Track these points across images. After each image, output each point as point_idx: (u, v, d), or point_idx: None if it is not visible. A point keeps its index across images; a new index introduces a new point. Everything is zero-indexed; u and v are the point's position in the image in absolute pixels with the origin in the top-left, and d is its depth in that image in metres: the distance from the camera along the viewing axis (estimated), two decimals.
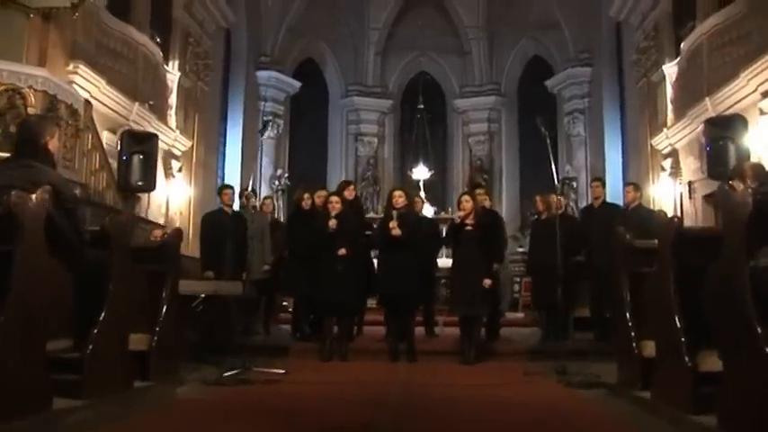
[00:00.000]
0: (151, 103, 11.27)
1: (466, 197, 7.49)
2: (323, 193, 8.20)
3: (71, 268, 4.03)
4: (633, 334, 4.94)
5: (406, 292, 7.26)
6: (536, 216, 8.88)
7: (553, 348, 7.32)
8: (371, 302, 8.88)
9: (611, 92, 16.50)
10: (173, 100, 12.67)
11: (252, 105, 16.78)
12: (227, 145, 16.27)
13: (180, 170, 12.85)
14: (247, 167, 16.44)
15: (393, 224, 7.27)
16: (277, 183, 17.07)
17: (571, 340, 8.01)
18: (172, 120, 12.63)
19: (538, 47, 18.55)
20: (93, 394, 4.23)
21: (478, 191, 8.15)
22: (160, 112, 12.01)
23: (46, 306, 3.81)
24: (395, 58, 19.27)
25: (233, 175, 15.97)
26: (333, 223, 7.28)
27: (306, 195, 8.24)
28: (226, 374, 5.81)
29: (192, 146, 13.45)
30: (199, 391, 5.23)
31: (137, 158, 7.69)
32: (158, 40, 12.05)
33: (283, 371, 6.14)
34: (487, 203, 8.91)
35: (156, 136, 8.25)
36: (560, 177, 16.82)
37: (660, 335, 4.47)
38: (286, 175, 17.33)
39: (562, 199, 8.29)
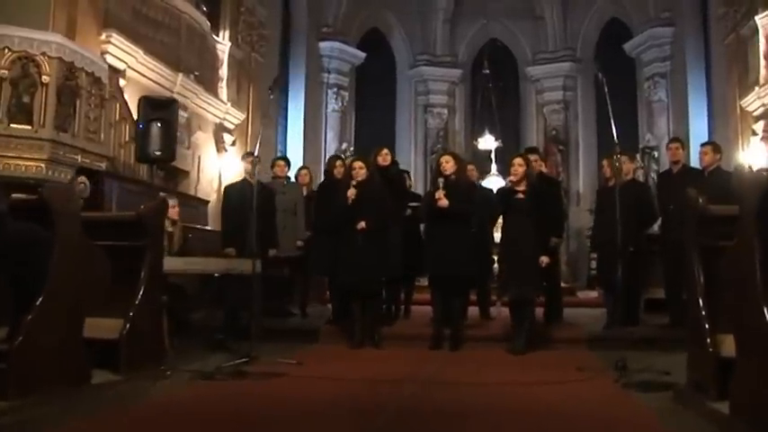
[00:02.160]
0: (196, 73, 10.50)
1: (518, 160, 6.32)
2: (349, 160, 7.25)
3: None
4: (707, 325, 3.73)
5: (456, 272, 6.18)
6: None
7: (617, 336, 6.10)
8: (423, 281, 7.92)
9: (695, 52, 14.70)
10: (224, 72, 11.89)
11: (314, 77, 15.83)
12: (289, 118, 15.44)
13: (233, 144, 12.10)
14: (310, 141, 15.66)
15: (439, 194, 6.17)
16: (342, 157, 16.14)
17: (641, 326, 6.77)
18: (223, 92, 11.85)
19: (615, 8, 16.75)
20: (25, 393, 3.41)
21: (531, 156, 6.95)
22: (209, 84, 11.24)
23: None
24: (464, 25, 17.86)
25: (296, 150, 15.18)
26: (351, 193, 6.26)
27: (338, 163, 7.26)
28: (225, 365, 4.93)
29: (247, 119, 12.66)
30: (174, 389, 4.31)
31: (155, 126, 6.86)
32: (205, 9, 11.24)
33: (294, 361, 5.21)
34: (544, 170, 7.72)
35: (175, 102, 7.40)
36: (641, 146, 15.52)
37: (741, 329, 3.27)
38: (351, 148, 16.34)
39: (626, 159, 6.99)
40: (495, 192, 8.01)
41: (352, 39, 16.77)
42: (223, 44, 11.88)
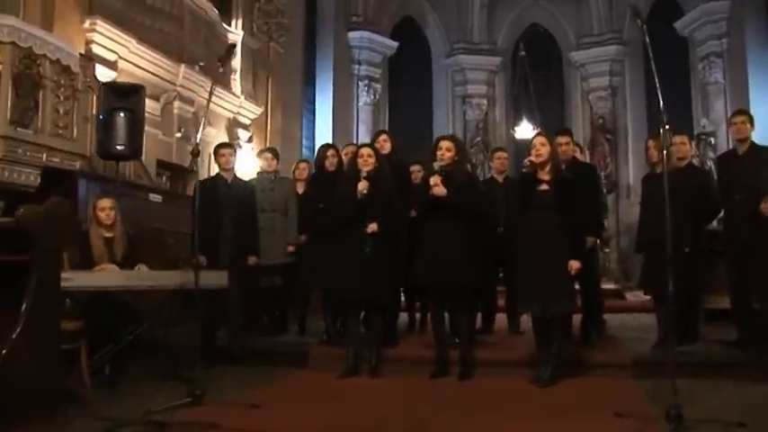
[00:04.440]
0: (201, 64, 9.37)
1: (541, 139, 4.83)
2: (351, 148, 5.96)
3: None
4: None
5: (448, 279, 4.76)
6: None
7: (671, 359, 4.64)
8: None
9: (755, 27, 12.99)
10: (237, 63, 10.74)
11: (344, 69, 14.57)
12: (317, 112, 14.24)
13: (250, 140, 10.97)
14: (340, 137, 14.43)
15: (435, 179, 4.84)
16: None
17: (700, 343, 5.29)
18: (236, 84, 10.72)
19: None
20: None
21: (561, 138, 5.54)
22: (220, 76, 10.10)
23: None
24: (503, 10, 16.34)
25: None
26: (363, 186, 4.94)
27: (330, 152, 5.99)
28: (157, 409, 3.73)
29: (266, 113, 11.51)
30: None
31: (119, 117, 5.73)
32: None
33: (250, 404, 3.97)
34: (579, 156, 6.26)
35: (142, 89, 6.19)
36: (695, 132, 13.77)
37: None
38: None
39: (684, 140, 5.54)
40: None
41: (383, 28, 15.50)
42: (235, 33, 10.72)
